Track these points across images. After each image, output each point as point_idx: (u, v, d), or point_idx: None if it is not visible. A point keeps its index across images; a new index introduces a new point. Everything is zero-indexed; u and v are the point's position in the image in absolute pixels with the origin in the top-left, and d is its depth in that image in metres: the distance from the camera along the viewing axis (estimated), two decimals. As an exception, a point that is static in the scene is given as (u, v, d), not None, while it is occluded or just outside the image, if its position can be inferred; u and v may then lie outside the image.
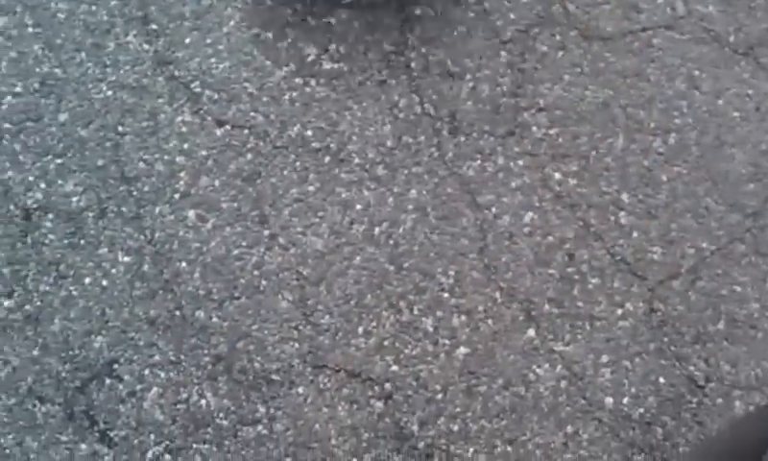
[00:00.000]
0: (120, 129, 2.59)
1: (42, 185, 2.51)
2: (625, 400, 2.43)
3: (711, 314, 2.53)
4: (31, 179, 2.52)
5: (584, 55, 2.73)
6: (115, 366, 2.37)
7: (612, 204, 2.59)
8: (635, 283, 2.53)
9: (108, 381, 2.36)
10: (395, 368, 2.42)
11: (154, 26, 2.70)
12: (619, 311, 2.50)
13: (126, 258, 2.46)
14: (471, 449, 2.37)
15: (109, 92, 2.62)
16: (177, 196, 2.53)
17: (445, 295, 2.49)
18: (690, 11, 2.84)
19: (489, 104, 2.66)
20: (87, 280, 2.44)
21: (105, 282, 2.44)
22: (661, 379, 2.45)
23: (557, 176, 2.61)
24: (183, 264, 2.47)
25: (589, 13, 2.81)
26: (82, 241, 2.47)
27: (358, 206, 2.55)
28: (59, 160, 2.54)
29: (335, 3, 2.73)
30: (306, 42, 2.70)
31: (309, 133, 2.61)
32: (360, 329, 2.45)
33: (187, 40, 2.68)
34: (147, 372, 2.38)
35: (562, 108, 2.67)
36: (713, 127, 2.71)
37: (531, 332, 2.47)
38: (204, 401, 2.37)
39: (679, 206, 2.61)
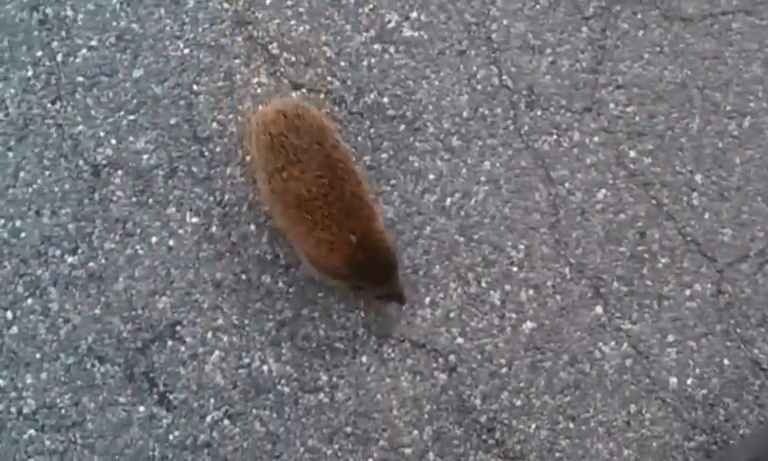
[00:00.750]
0: (195, 87, 2.34)
1: (113, 141, 2.28)
2: (689, 381, 2.22)
3: (778, 298, 2.29)
4: (102, 134, 2.28)
5: (664, 35, 2.46)
6: (178, 328, 2.18)
7: (686, 184, 2.33)
8: (704, 264, 2.29)
9: (169, 343, 2.18)
10: (460, 340, 2.21)
11: (234, -15, 2.47)
12: (687, 292, 2.27)
13: (194, 219, 2.24)
14: (534, 425, 2.18)
15: (186, 50, 2.37)
16: (248, 158, 2.28)
17: (514, 269, 2.26)
18: (770, -4, 2.60)
19: (567, 79, 2.40)
20: (154, 240, 2.22)
21: (171, 242, 2.22)
22: (726, 361, 2.24)
23: (632, 154, 2.35)
24: (252, 227, 2.23)
25: (671, -6, 2.59)
26: (150, 200, 2.24)
27: (431, 176, 2.29)
28: (131, 117, 2.30)
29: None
30: (388, 9, 2.44)
31: (385, 100, 2.35)
32: (427, 300, 2.23)
33: (267, 1, 2.43)
34: (210, 335, 2.18)
35: (640, 86, 2.41)
36: (788, 112, 2.47)
37: (598, 309, 2.25)
38: (266, 367, 2.17)
39: (751, 190, 2.34)
